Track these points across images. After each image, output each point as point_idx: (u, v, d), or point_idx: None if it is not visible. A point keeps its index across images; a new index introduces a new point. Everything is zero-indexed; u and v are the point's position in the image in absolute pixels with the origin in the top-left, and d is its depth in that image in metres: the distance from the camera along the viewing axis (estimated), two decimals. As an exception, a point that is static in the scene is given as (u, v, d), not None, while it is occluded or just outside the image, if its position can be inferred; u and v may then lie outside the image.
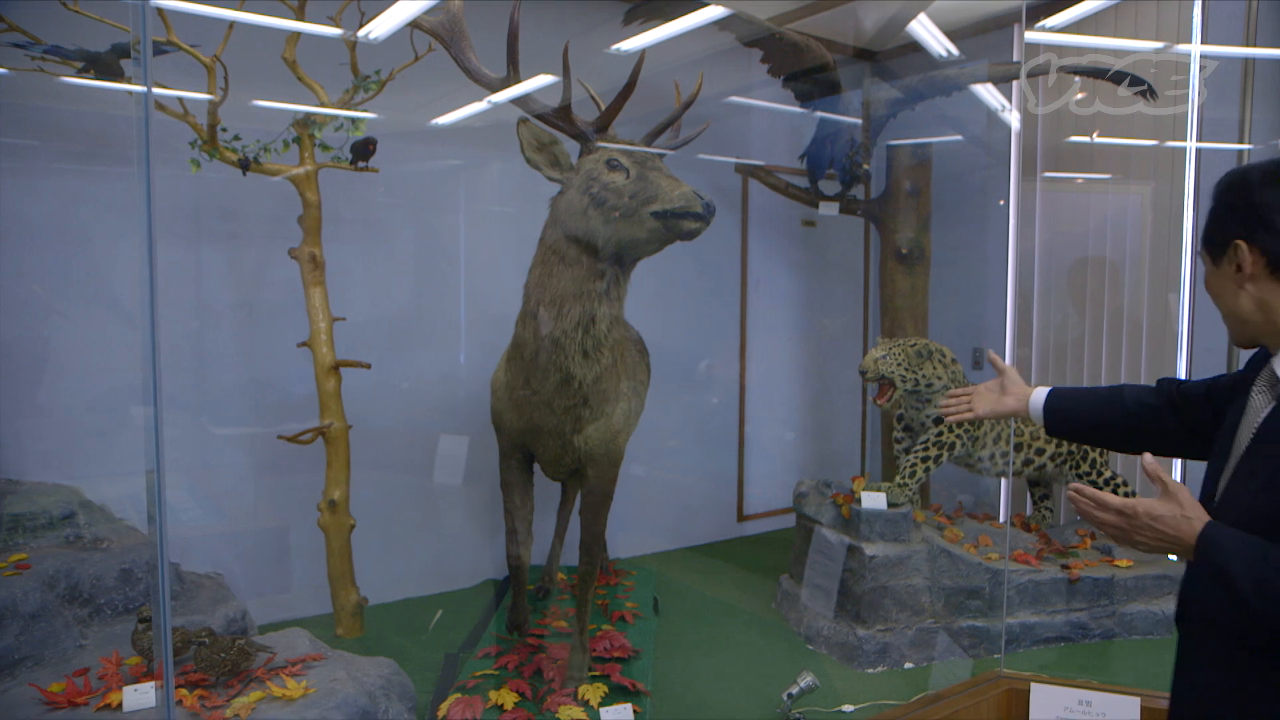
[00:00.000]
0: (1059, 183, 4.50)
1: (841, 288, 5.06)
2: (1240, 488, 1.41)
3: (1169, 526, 1.37)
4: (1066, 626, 3.45)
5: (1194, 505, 1.38)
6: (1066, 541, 3.81)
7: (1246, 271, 1.42)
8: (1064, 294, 4.45)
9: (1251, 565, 1.28)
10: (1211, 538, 1.34)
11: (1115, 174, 4.46)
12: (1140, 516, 1.39)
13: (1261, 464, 1.37)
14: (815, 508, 3.52)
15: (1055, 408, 1.93)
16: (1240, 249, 1.41)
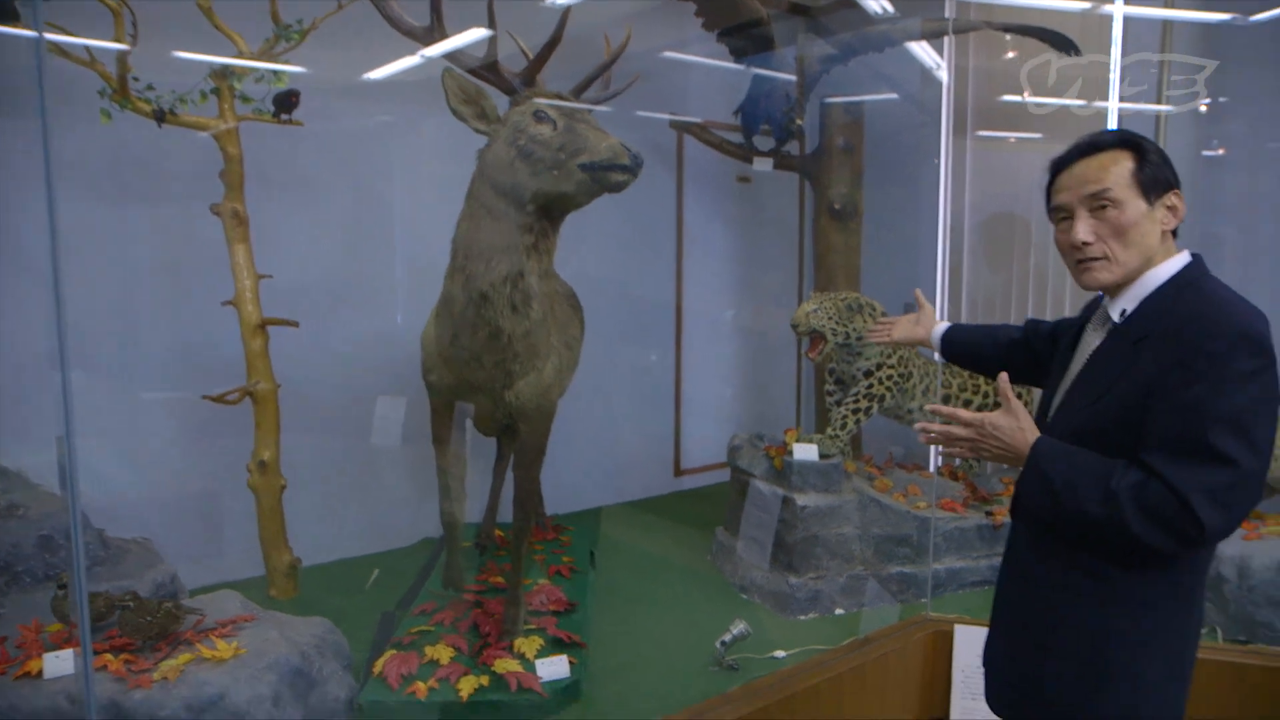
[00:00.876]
0: (992, 141, 4.56)
1: (777, 243, 5.09)
2: (1071, 407, 1.61)
3: (1007, 436, 1.57)
4: (990, 570, 3.57)
5: (1028, 420, 1.58)
6: (991, 489, 3.93)
7: (1179, 218, 1.59)
8: (994, 250, 4.54)
9: (1065, 469, 1.51)
10: (1038, 446, 1.55)
11: (1046, 133, 4.53)
12: (986, 427, 1.59)
13: (1090, 387, 1.59)
14: (749, 461, 3.57)
15: (949, 338, 2.20)
16: (1178, 195, 1.59)
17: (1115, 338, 1.59)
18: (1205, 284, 1.54)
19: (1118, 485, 1.45)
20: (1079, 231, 1.59)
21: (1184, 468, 1.42)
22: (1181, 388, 1.43)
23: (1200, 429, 1.41)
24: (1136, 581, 1.54)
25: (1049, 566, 1.62)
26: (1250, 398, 1.42)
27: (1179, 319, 1.49)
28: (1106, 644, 1.56)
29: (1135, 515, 1.43)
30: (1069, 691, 1.60)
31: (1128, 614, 1.55)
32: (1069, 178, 1.63)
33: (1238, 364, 1.42)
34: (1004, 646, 1.74)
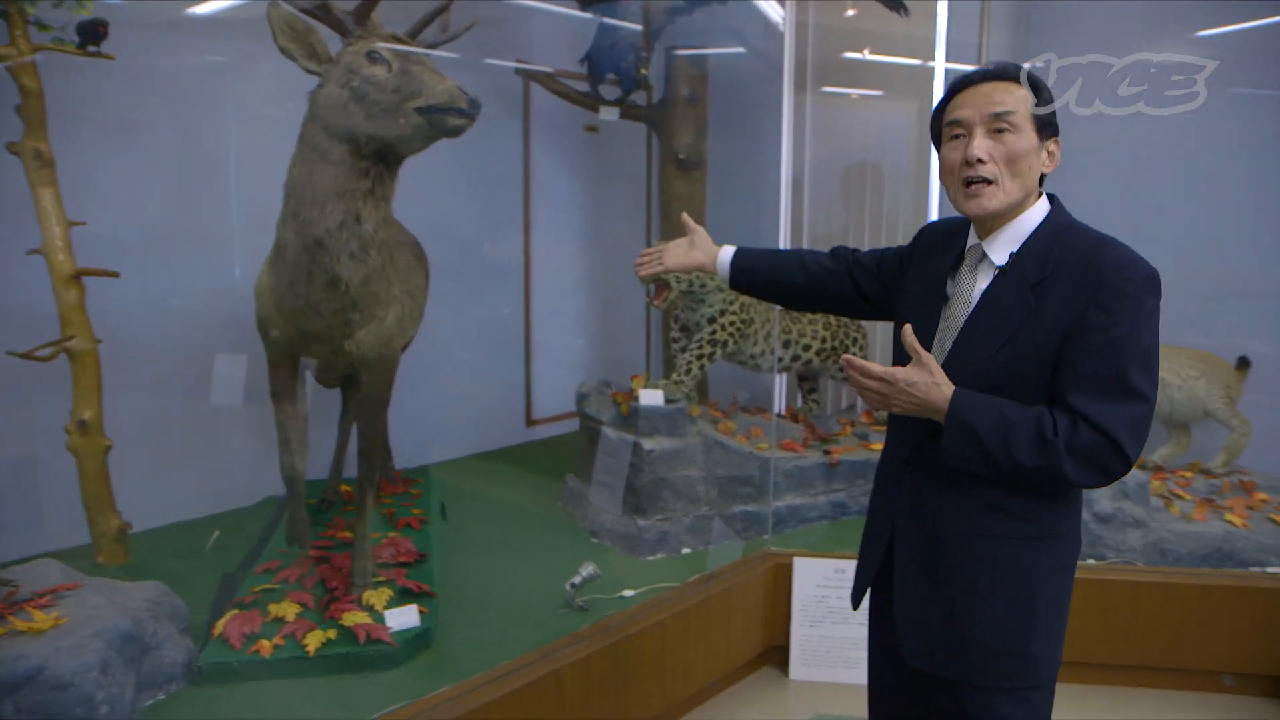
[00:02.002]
0: (835, 97, 4.71)
1: (625, 193, 5.12)
2: (971, 355, 1.59)
3: (922, 392, 1.56)
4: (828, 506, 3.77)
5: (941, 373, 1.56)
6: (829, 430, 4.14)
7: (1056, 165, 1.66)
8: (835, 205, 4.72)
9: (992, 421, 1.52)
10: (957, 400, 1.55)
11: (885, 90, 4.73)
12: (899, 383, 1.57)
13: (990, 333, 1.58)
14: (597, 408, 3.63)
15: (740, 265, 2.04)
16: (1056, 144, 1.65)
17: (1006, 281, 1.59)
18: (1079, 226, 1.61)
19: (1050, 434, 1.48)
20: (975, 148, 1.58)
21: (1109, 407, 1.47)
22: (1101, 330, 1.48)
23: (1123, 369, 1.47)
24: (1049, 515, 1.60)
25: (959, 516, 1.63)
26: (1154, 335, 1.51)
27: (1079, 262, 1.53)
28: (1034, 580, 1.60)
29: (1068, 460, 1.48)
30: (1001, 634, 1.60)
31: (1046, 548, 1.60)
32: (972, 94, 1.61)
33: (1146, 303, 1.49)
34: (917, 603, 1.69)
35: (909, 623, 1.71)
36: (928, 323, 1.69)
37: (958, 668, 1.65)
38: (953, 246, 1.73)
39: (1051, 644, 1.63)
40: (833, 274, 1.98)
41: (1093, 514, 3.35)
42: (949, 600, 1.64)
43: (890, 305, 1.91)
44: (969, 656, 1.63)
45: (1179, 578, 3.17)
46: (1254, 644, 3.13)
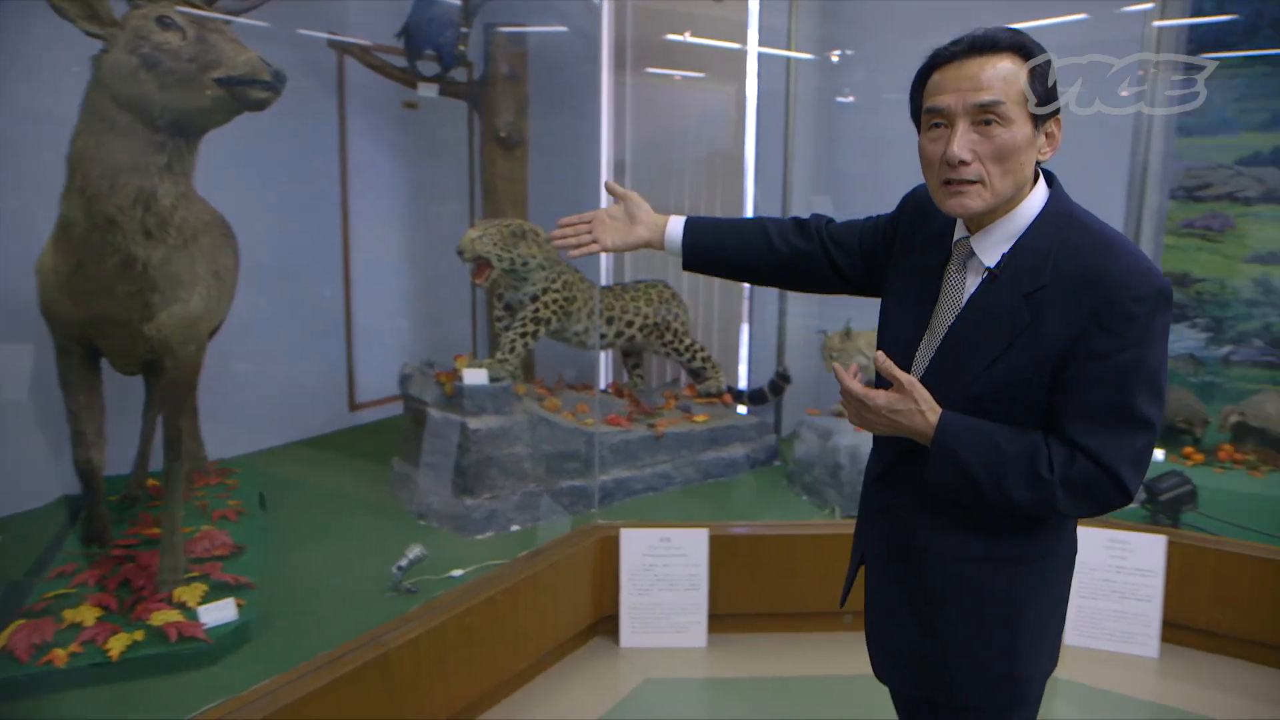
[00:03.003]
0: (658, 78, 4.79)
1: (448, 171, 5.04)
2: (956, 367, 1.43)
3: (906, 419, 1.42)
4: (654, 478, 3.88)
5: (927, 399, 1.41)
6: (654, 404, 4.25)
7: (1056, 148, 1.43)
8: (659, 186, 4.82)
9: (982, 453, 1.38)
10: (947, 428, 1.40)
11: (707, 72, 4.85)
12: (881, 409, 1.43)
13: (979, 347, 1.40)
14: (420, 389, 3.58)
15: (695, 244, 1.77)
16: (1059, 123, 1.42)
17: (997, 287, 1.40)
18: (1080, 218, 1.42)
19: (1046, 471, 1.35)
20: (956, 147, 1.36)
21: (1112, 440, 1.34)
22: (1105, 356, 1.32)
23: (1128, 397, 1.33)
24: (1036, 535, 1.48)
25: (939, 538, 1.51)
26: (1164, 355, 1.36)
27: (1080, 271, 1.34)
28: (1018, 604, 1.48)
29: (1063, 494, 1.36)
30: (984, 658, 1.51)
31: (1031, 570, 1.49)
32: (954, 74, 1.38)
33: (1156, 323, 1.32)
34: (888, 621, 1.60)
35: (878, 639, 1.64)
36: (916, 324, 1.53)
37: (934, 688, 1.56)
38: (938, 231, 1.55)
39: (1040, 658, 1.53)
40: (803, 253, 1.75)
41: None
42: (927, 622, 1.53)
43: (873, 286, 1.73)
44: (949, 679, 1.53)
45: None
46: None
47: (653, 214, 1.81)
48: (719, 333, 4.86)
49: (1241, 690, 3.14)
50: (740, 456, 4.14)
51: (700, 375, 4.41)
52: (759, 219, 1.81)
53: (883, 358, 1.44)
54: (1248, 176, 4.97)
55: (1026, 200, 1.42)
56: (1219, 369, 5.12)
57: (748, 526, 3.45)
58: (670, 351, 4.30)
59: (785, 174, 4.49)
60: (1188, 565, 3.32)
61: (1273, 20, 4.83)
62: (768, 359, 4.67)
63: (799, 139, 4.55)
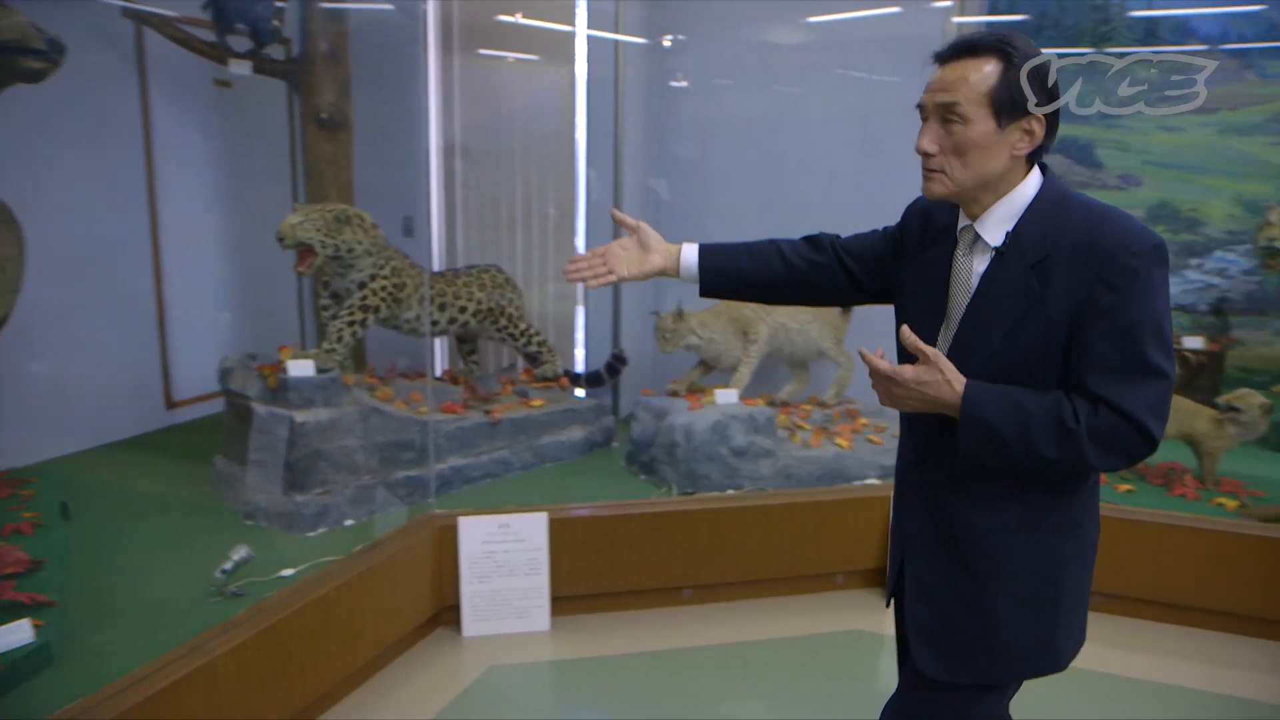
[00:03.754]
0: (491, 60, 4.71)
1: (266, 155, 4.80)
2: (977, 342, 1.53)
3: (934, 390, 1.50)
4: (492, 464, 3.85)
5: (952, 370, 1.50)
6: (490, 390, 4.21)
7: (1035, 143, 1.51)
8: (492, 171, 4.74)
9: (1010, 415, 1.46)
10: (974, 396, 1.48)
11: (542, 55, 4.80)
12: (909, 383, 1.51)
13: (995, 319, 1.51)
14: (242, 383, 3.41)
15: (711, 268, 1.85)
16: (1038, 121, 1.49)
17: (1005, 263, 1.52)
18: (1074, 196, 1.53)
19: (1071, 422, 1.44)
20: (922, 140, 1.53)
21: (1130, 389, 1.43)
22: (1112, 311, 1.43)
23: (1139, 348, 1.42)
24: (1068, 504, 1.57)
25: (975, 511, 1.58)
26: (1167, 306, 1.45)
27: (1080, 238, 1.46)
28: (1059, 572, 1.57)
29: (1091, 446, 1.44)
30: (1028, 632, 1.58)
31: (1067, 536, 1.57)
32: (936, 78, 1.52)
33: (1154, 275, 1.43)
34: (931, 611, 1.65)
35: (923, 633, 1.66)
36: (933, 313, 1.62)
37: (978, 671, 1.62)
38: (942, 226, 1.66)
39: (1075, 631, 1.63)
40: (819, 265, 1.85)
41: (730, 449, 3.72)
42: (970, 602, 1.60)
43: (885, 292, 1.83)
44: (993, 659, 1.60)
45: (800, 497, 3.63)
46: (859, 546, 3.67)
47: (664, 242, 1.88)
48: (554, 316, 4.86)
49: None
50: (578, 439, 4.16)
51: (537, 360, 4.39)
52: (768, 240, 1.89)
53: (907, 332, 1.53)
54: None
55: (1020, 186, 1.53)
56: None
57: (587, 508, 3.47)
58: (506, 337, 4.27)
59: (616, 158, 4.53)
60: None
61: (1054, 21, 5.24)
62: (604, 341, 4.71)
63: (629, 123, 4.58)
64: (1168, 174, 5.23)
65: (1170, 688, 3.08)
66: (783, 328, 4.22)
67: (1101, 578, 3.44)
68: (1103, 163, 5.27)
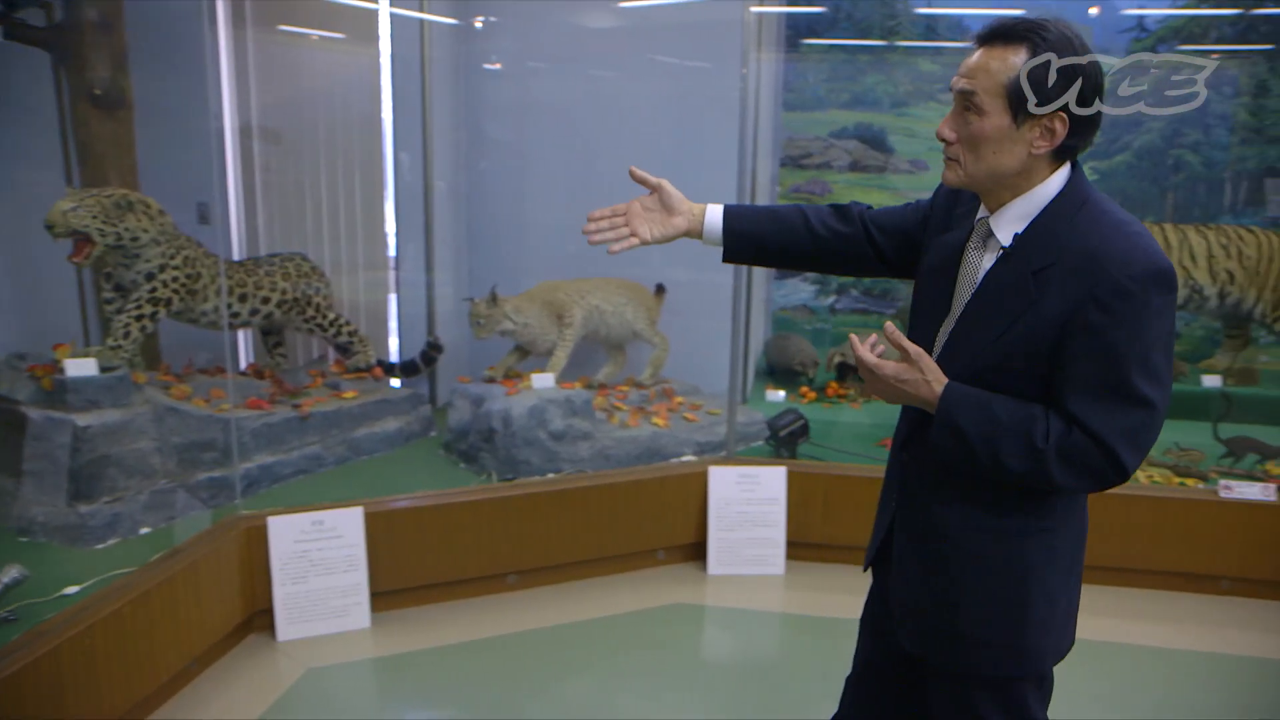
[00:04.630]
0: (293, 37, 4.46)
1: (32, 132, 4.35)
2: (969, 340, 1.52)
3: (913, 389, 1.50)
4: (303, 460, 3.69)
5: (933, 370, 1.50)
6: (299, 383, 4.03)
7: (1055, 143, 1.43)
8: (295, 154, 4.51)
9: (981, 422, 1.45)
10: (949, 399, 1.48)
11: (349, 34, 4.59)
12: (889, 379, 1.51)
13: (990, 320, 1.49)
14: (10, 386, 3.10)
15: (737, 231, 1.77)
16: (1061, 120, 1.41)
17: (1010, 264, 1.48)
18: (1096, 203, 1.46)
19: (1040, 441, 1.42)
20: (942, 126, 1.49)
21: (1107, 414, 1.39)
22: (1100, 331, 1.38)
23: (1123, 374, 1.38)
24: (1043, 508, 1.54)
25: (949, 508, 1.58)
26: (1163, 335, 1.40)
27: (1084, 250, 1.41)
28: (1025, 576, 1.54)
29: (1058, 466, 1.42)
30: (993, 630, 1.57)
31: (1039, 542, 1.55)
32: (965, 62, 1.46)
33: (1153, 302, 1.37)
34: (908, 589, 1.67)
35: (902, 608, 1.69)
36: (939, 302, 1.61)
37: (947, 656, 1.63)
38: (964, 213, 1.63)
39: (1051, 633, 1.59)
40: (845, 236, 1.78)
41: (548, 433, 3.74)
42: (939, 591, 1.61)
43: (910, 268, 1.79)
44: (958, 647, 1.61)
45: (619, 477, 3.69)
46: (678, 521, 3.78)
47: (688, 202, 1.77)
48: (366, 305, 4.71)
49: (853, 590, 3.65)
50: (394, 430, 4.06)
51: (348, 350, 4.24)
52: (794, 205, 1.81)
53: (892, 329, 1.50)
54: (839, 148, 5.69)
55: (1043, 185, 1.47)
56: (827, 317, 5.85)
57: (405, 500, 3.40)
58: (314, 328, 4.09)
59: (425, 141, 4.42)
60: (804, 490, 3.79)
61: (848, 14, 5.54)
62: (418, 329, 4.60)
63: (439, 105, 4.48)
64: (951, 160, 5.66)
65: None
66: (597, 310, 4.27)
67: None
68: (894, 148, 5.63)
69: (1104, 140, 5.53)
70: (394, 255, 4.70)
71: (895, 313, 5.63)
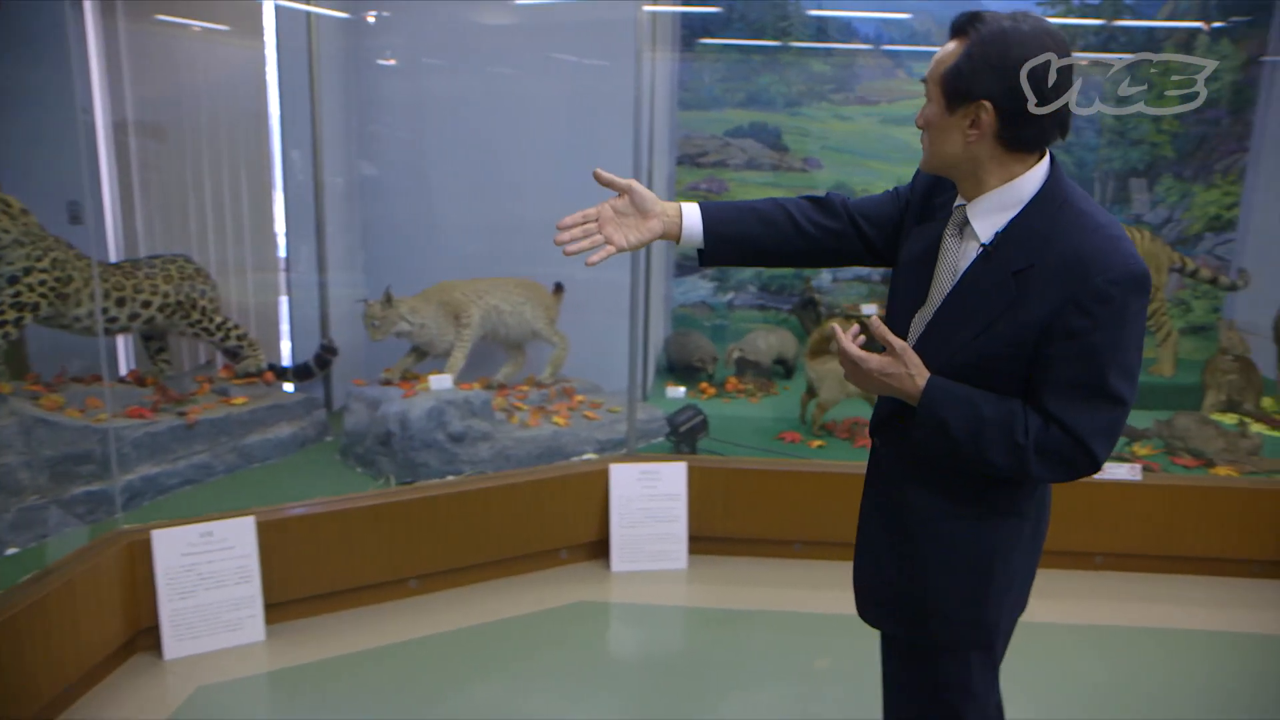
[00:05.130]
0: (172, 28, 4.26)
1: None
2: (947, 336, 1.54)
3: (896, 382, 1.54)
4: (190, 470, 3.55)
5: (917, 364, 1.53)
6: (185, 389, 3.87)
7: (982, 131, 1.46)
8: (176, 151, 4.32)
9: (964, 417, 1.50)
10: (933, 394, 1.52)
11: (232, 25, 4.41)
12: (873, 372, 1.55)
13: (969, 319, 1.52)
14: None
15: (718, 234, 1.71)
16: (985, 109, 1.43)
17: (991, 264, 1.50)
18: (1076, 202, 1.48)
19: (1021, 437, 1.47)
20: (919, 113, 1.54)
21: (1084, 413, 1.45)
22: (1080, 334, 1.42)
23: (1101, 376, 1.43)
24: (1011, 497, 1.60)
25: (922, 492, 1.64)
26: (1138, 337, 1.46)
27: (1065, 253, 1.43)
28: (992, 558, 1.61)
29: (1037, 461, 1.48)
30: (954, 604, 1.63)
31: (1005, 526, 1.61)
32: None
33: (1131, 306, 1.42)
34: (872, 561, 1.74)
35: (863, 578, 1.76)
36: (914, 292, 1.64)
37: (907, 629, 1.69)
38: (942, 202, 1.65)
39: (1006, 607, 1.66)
40: (836, 233, 1.77)
41: (447, 434, 3.68)
42: (905, 567, 1.67)
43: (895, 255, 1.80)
44: (923, 620, 1.66)
45: (520, 477, 3.67)
46: (580, 520, 3.78)
47: (661, 203, 1.70)
48: (256, 308, 4.55)
49: (754, 581, 3.72)
50: (288, 436, 3.94)
51: (237, 354, 4.10)
52: (772, 200, 1.76)
53: (877, 323, 1.53)
54: (735, 147, 5.78)
55: (1021, 179, 1.49)
56: (725, 313, 5.93)
57: (300, 507, 3.30)
58: (200, 332, 3.94)
59: (315, 138, 4.29)
60: (704, 485, 3.83)
61: (741, 15, 5.63)
62: (312, 332, 4.47)
63: (330, 102, 4.36)
64: (844, 158, 5.80)
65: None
66: (495, 310, 4.23)
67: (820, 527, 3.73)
68: (789, 147, 5.75)
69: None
70: (285, 256, 4.56)
71: (791, 309, 5.76)
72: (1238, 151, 5.83)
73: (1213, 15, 5.61)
